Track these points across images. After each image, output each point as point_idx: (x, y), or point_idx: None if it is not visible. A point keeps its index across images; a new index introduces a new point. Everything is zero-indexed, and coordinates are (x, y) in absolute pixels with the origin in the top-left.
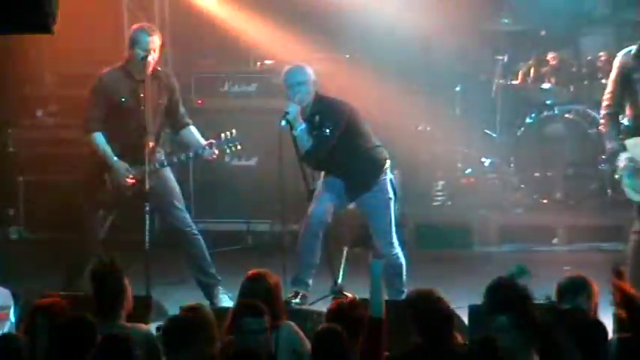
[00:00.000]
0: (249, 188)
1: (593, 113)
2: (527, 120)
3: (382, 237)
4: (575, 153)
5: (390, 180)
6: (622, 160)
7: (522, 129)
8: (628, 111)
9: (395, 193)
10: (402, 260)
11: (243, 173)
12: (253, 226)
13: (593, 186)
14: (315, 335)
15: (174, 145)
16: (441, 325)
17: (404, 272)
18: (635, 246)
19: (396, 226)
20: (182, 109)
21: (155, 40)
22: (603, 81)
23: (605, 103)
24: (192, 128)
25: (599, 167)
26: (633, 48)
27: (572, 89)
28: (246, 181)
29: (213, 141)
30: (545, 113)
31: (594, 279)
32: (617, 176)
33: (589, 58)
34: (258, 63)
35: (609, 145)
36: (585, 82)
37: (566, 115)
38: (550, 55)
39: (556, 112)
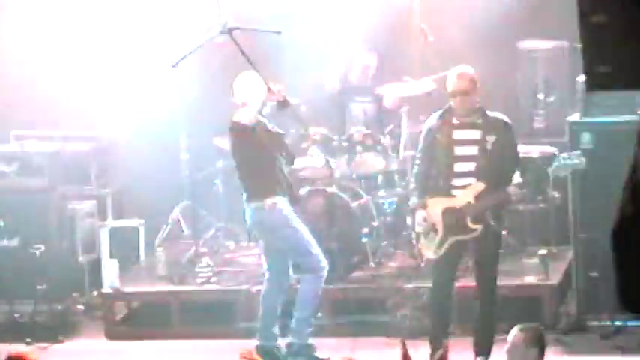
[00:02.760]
0: (11, 269)
1: (355, 187)
2: None
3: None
4: (338, 227)
5: None
6: (417, 218)
7: None
8: (432, 170)
9: None
10: None
11: (4, 254)
12: (16, 306)
13: (357, 259)
14: None
15: None
16: None
17: None
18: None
19: None
20: None
21: None
22: (362, 155)
23: (415, 162)
24: None
25: (362, 240)
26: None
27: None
28: (7, 262)
29: None
30: (308, 188)
31: (360, 351)
32: (413, 234)
33: (349, 132)
34: (20, 142)
35: (411, 202)
36: (345, 156)
37: (328, 190)
38: (311, 131)
39: (318, 186)
